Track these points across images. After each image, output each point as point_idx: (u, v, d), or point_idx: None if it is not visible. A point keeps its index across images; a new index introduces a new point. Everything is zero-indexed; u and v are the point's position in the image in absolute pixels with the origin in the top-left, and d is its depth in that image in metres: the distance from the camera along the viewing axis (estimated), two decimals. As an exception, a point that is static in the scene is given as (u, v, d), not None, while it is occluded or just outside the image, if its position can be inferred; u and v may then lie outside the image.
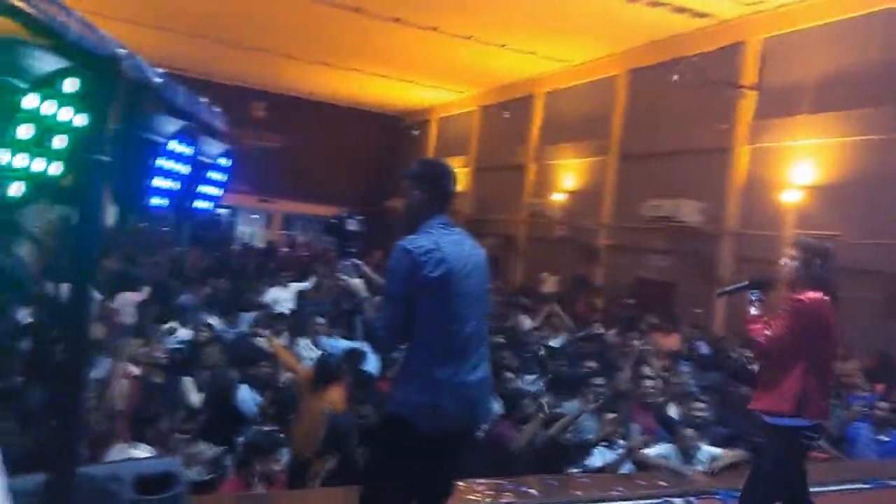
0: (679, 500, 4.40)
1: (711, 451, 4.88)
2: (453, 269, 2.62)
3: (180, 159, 2.32)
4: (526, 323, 9.10)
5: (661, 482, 4.54)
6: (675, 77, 11.39)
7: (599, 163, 14.67)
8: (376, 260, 9.98)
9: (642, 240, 13.08)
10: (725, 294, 3.96)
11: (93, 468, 2.78)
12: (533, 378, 6.42)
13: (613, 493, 4.33)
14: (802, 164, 10.27)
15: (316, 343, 6.91)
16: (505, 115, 17.49)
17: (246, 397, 5.19)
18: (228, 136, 2.89)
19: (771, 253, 7.69)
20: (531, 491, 4.21)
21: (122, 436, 4.04)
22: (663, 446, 5.00)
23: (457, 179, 2.93)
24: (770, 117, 10.92)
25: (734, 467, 4.67)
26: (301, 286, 9.55)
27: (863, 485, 5.00)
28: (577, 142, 15.42)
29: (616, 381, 5.93)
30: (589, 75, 15.21)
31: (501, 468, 4.54)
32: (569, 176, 15.71)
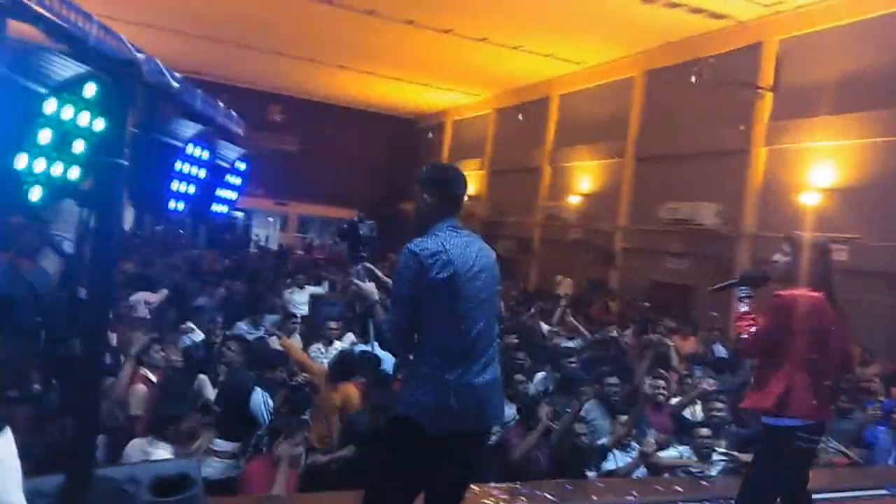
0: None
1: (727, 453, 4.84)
2: (460, 271, 2.64)
3: (198, 163, 2.33)
4: (544, 327, 9.04)
5: (677, 487, 4.50)
6: (692, 78, 11.32)
7: (615, 165, 14.61)
8: (391, 263, 9.99)
9: (658, 242, 13.01)
10: (718, 290, 3.86)
11: (110, 469, 2.81)
12: (542, 376, 6.39)
13: (629, 498, 4.30)
14: (820, 166, 10.18)
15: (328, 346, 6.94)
16: (520, 118, 17.47)
17: (258, 401, 5.20)
18: (245, 140, 2.90)
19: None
20: (546, 495, 4.19)
21: (142, 433, 4.07)
22: (677, 448, 4.96)
23: (466, 183, 2.95)
24: (788, 118, 10.83)
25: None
26: (315, 290, 9.59)
27: (881, 490, 4.92)
28: (593, 144, 15.37)
29: (629, 383, 5.88)
30: (605, 77, 15.16)
31: (505, 475, 4.54)
32: (584, 178, 15.66)
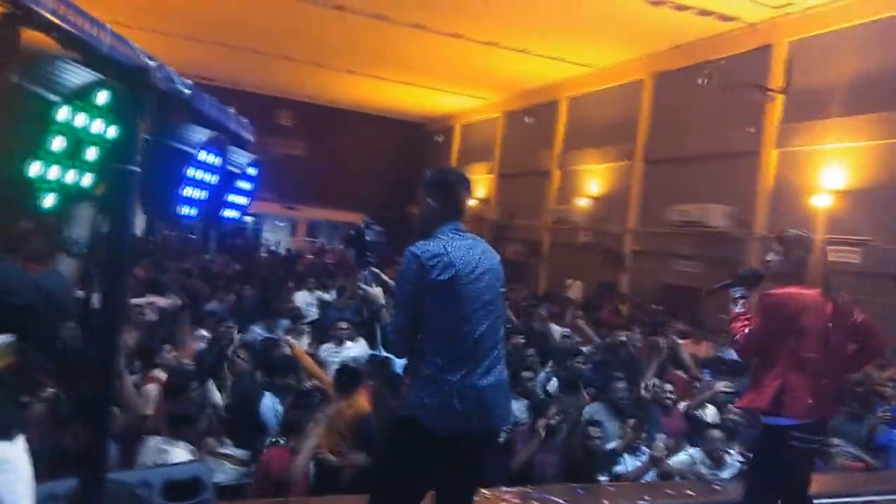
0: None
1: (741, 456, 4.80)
2: (461, 273, 2.66)
3: (209, 169, 2.35)
4: (556, 329, 9.02)
5: (689, 491, 4.48)
6: (702, 80, 11.29)
7: (625, 168, 14.58)
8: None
9: (668, 245, 12.96)
10: (713, 293, 3.82)
11: (123, 473, 2.83)
12: (544, 376, 6.38)
13: (640, 503, 4.27)
14: (832, 168, 10.11)
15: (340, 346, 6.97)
16: (528, 121, 17.46)
17: (268, 406, 5.21)
18: (254, 145, 2.92)
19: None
20: (557, 499, 4.18)
21: (160, 432, 4.09)
22: (689, 451, 4.93)
23: (471, 187, 2.97)
24: (798, 120, 10.77)
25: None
26: (325, 297, 9.60)
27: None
28: (602, 147, 15.34)
29: (637, 386, 5.85)
30: (614, 80, 15.13)
31: (515, 479, 4.54)
32: (593, 181, 15.62)
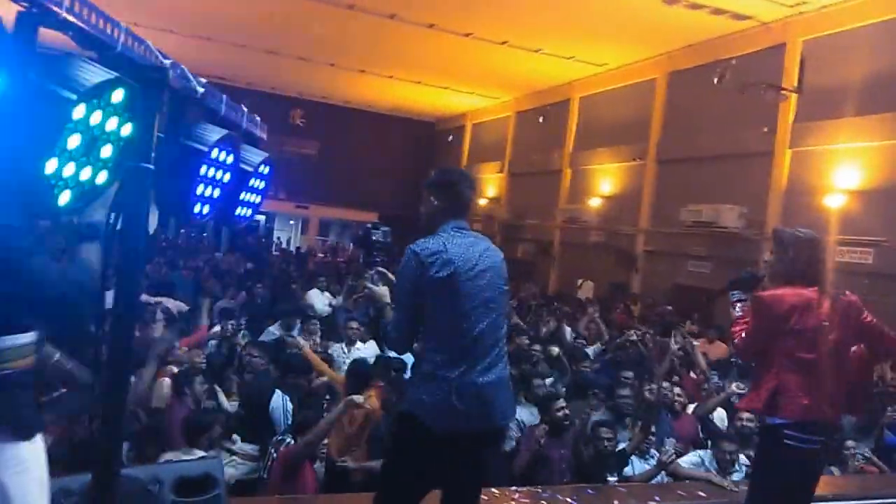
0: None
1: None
2: (460, 270, 2.67)
3: (222, 167, 2.35)
4: (568, 331, 9.01)
5: (700, 492, 4.46)
6: (715, 80, 11.23)
7: (637, 167, 14.53)
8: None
9: (681, 245, 12.90)
10: (718, 296, 3.81)
11: (135, 469, 2.84)
12: (550, 381, 6.38)
13: None
14: (845, 168, 10.05)
15: (350, 346, 6.98)
16: (540, 120, 17.43)
17: (278, 404, 5.23)
18: (267, 144, 2.93)
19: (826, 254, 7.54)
20: (567, 500, 4.17)
21: (177, 443, 4.12)
22: (697, 452, 4.91)
23: (474, 186, 3.00)
24: (812, 120, 10.71)
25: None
26: (332, 301, 9.58)
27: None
28: (614, 146, 15.30)
29: (645, 389, 5.83)
30: (626, 79, 15.09)
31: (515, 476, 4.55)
32: (605, 181, 15.58)
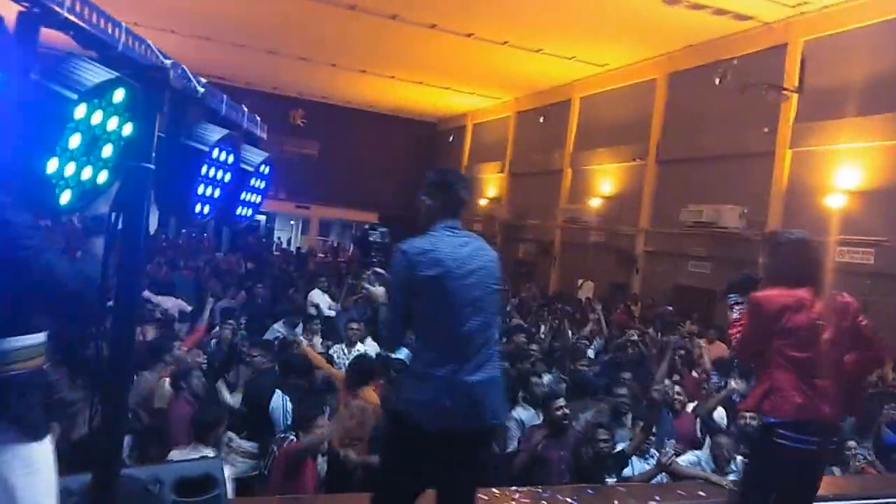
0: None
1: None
2: (449, 269, 2.68)
3: (222, 167, 2.36)
4: (570, 331, 9.01)
5: (700, 492, 4.46)
6: (716, 80, 11.23)
7: (637, 167, 14.53)
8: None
9: (681, 246, 12.91)
10: (722, 299, 3.83)
11: (136, 469, 2.85)
12: (549, 379, 6.38)
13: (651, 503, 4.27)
14: (846, 168, 10.05)
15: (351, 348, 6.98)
16: (541, 121, 17.43)
17: (278, 403, 5.24)
18: (267, 144, 2.93)
19: (819, 255, 7.54)
20: (568, 499, 4.17)
21: (182, 440, 4.13)
22: (694, 452, 4.91)
23: (468, 186, 3.01)
24: (813, 120, 10.71)
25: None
26: (333, 305, 9.55)
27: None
28: (615, 146, 15.30)
29: (654, 389, 5.84)
30: (627, 79, 15.09)
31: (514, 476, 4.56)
32: (606, 181, 15.58)
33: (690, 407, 5.96)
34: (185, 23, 14.46)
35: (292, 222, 25.86)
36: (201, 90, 2.19)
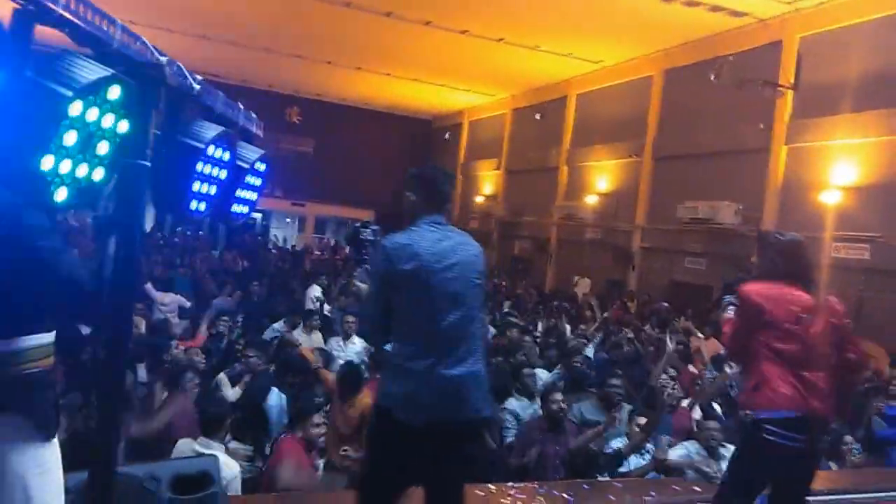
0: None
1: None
2: (427, 263, 2.68)
3: (218, 164, 2.36)
4: (568, 329, 9.03)
5: (696, 487, 4.48)
6: (712, 77, 11.24)
7: (633, 164, 14.54)
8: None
9: (677, 242, 12.92)
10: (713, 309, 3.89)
11: (132, 467, 2.85)
12: (549, 376, 6.39)
13: (646, 499, 4.27)
14: (842, 164, 10.07)
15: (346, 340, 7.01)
16: (537, 118, 17.43)
17: (274, 402, 5.24)
18: (263, 142, 2.93)
19: (813, 254, 7.54)
20: (563, 495, 4.19)
21: (192, 432, 4.13)
22: (685, 444, 4.93)
23: (450, 181, 3.01)
24: (808, 117, 10.73)
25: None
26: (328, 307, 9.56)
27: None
28: (611, 143, 15.31)
29: (647, 385, 5.85)
30: (623, 76, 15.09)
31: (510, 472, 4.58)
32: (602, 178, 15.59)
33: (685, 402, 5.97)
34: (181, 21, 14.41)
35: (288, 220, 25.83)
36: (197, 87, 2.19)
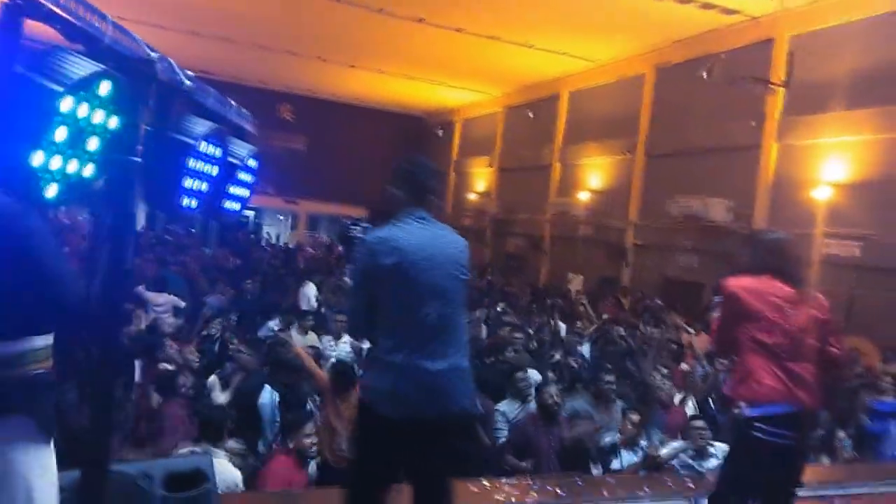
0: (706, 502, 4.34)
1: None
2: (409, 258, 2.67)
3: (210, 160, 2.34)
4: (563, 327, 9.04)
5: (690, 484, 4.50)
6: (704, 74, 11.27)
7: (626, 161, 14.57)
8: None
9: (670, 239, 12.96)
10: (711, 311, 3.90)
11: (125, 465, 2.84)
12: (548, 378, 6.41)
13: (640, 494, 4.30)
14: (833, 162, 10.10)
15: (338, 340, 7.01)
16: (530, 115, 17.44)
17: (266, 399, 5.24)
18: (256, 138, 2.92)
19: (801, 252, 7.58)
20: (557, 491, 4.20)
21: (189, 435, 4.13)
22: (672, 445, 4.95)
23: (434, 174, 2.97)
24: (800, 114, 10.76)
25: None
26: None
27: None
28: (604, 141, 15.33)
29: (640, 381, 5.88)
30: (615, 74, 15.11)
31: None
32: (595, 175, 15.62)
33: (678, 399, 5.99)
34: (172, 17, 14.34)
35: (281, 217, 25.76)
36: (188, 83, 2.18)
